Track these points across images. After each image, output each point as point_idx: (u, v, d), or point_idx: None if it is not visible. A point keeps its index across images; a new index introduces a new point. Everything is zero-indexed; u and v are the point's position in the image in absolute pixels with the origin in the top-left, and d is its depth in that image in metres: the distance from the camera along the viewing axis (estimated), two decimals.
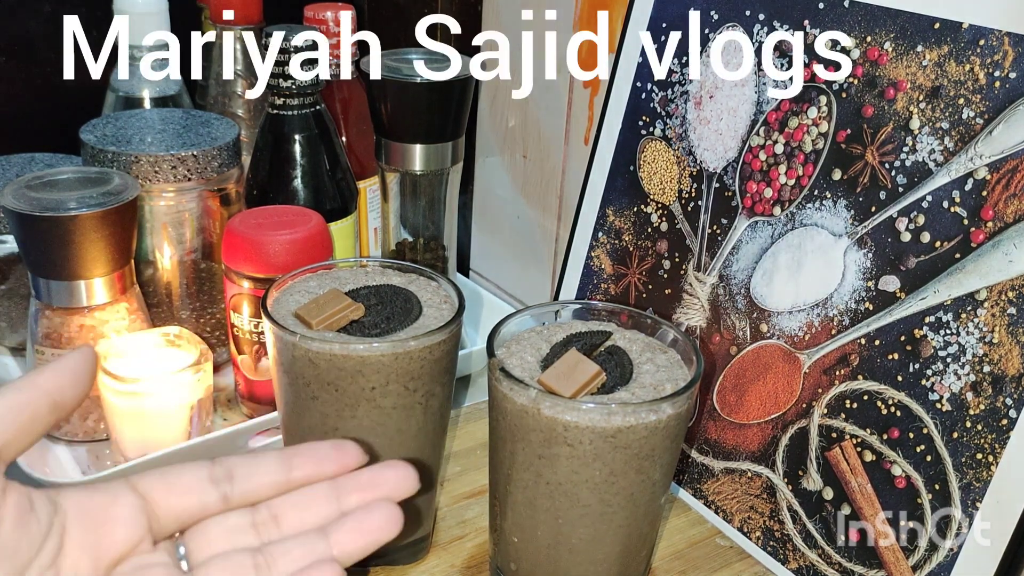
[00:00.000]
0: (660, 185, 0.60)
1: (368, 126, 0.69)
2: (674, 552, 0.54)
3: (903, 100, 0.48)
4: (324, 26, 0.72)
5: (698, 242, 0.58)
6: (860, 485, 0.49)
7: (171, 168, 0.63)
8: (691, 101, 0.59)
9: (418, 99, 0.64)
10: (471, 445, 0.63)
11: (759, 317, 0.54)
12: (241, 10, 0.78)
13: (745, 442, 0.55)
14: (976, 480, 0.45)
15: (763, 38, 0.54)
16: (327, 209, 0.65)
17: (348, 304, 0.47)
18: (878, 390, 0.49)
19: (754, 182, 0.55)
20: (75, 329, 0.59)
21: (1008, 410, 0.44)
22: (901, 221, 0.48)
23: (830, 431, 0.51)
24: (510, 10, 0.78)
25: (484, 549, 0.54)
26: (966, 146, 0.45)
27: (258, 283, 0.59)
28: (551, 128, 0.76)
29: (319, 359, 0.45)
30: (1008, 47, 0.44)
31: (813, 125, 0.52)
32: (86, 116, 0.69)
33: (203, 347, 0.60)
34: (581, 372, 0.43)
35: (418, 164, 0.66)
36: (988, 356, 0.44)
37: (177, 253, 0.68)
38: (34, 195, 0.56)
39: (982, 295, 0.45)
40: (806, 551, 0.51)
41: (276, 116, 0.65)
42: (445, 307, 0.49)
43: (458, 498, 0.58)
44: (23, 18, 0.82)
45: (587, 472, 0.42)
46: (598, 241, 0.65)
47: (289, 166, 0.65)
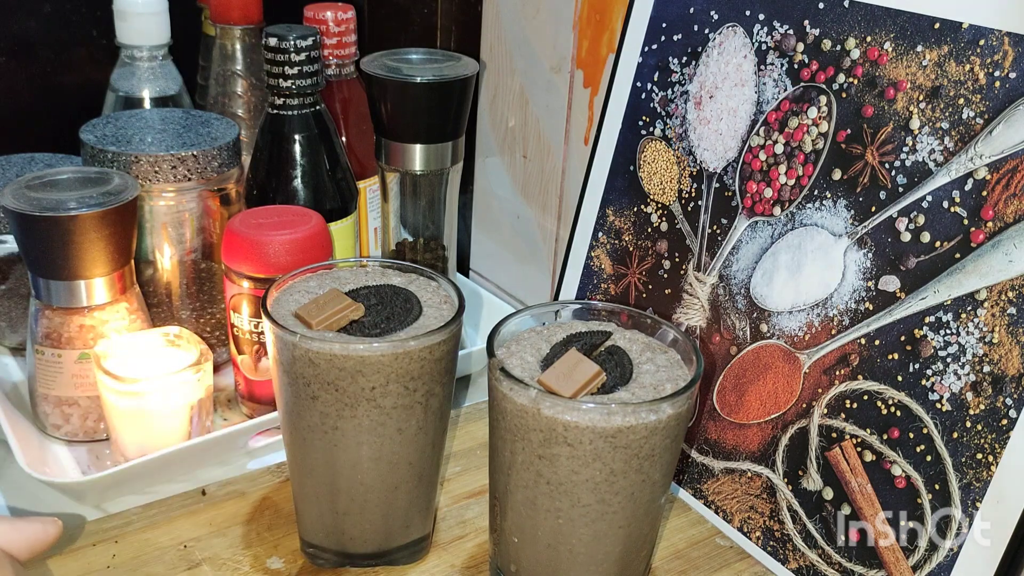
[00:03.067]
0: (660, 185, 0.60)
1: (368, 126, 0.69)
2: (674, 552, 0.54)
3: (903, 100, 0.48)
4: (324, 26, 0.72)
5: (698, 242, 0.58)
6: (860, 485, 0.49)
7: (171, 168, 0.63)
8: (691, 101, 0.59)
9: (418, 99, 0.64)
10: (471, 445, 0.63)
11: (759, 317, 0.54)
12: (241, 10, 0.78)
13: (745, 442, 0.55)
14: (976, 480, 0.45)
15: (763, 38, 0.54)
16: (327, 209, 0.65)
17: (348, 304, 0.47)
18: (878, 390, 0.49)
19: (754, 182, 0.55)
20: (75, 329, 0.59)
21: (1008, 410, 0.44)
22: (901, 221, 0.48)
23: (830, 431, 0.51)
24: (510, 10, 0.78)
25: (484, 549, 0.54)
26: (966, 146, 0.45)
27: (258, 283, 0.59)
28: (551, 128, 0.76)
29: (319, 359, 0.45)
30: (1008, 47, 0.44)
31: (813, 125, 0.52)
32: (86, 116, 0.69)
33: (203, 347, 0.60)
34: (581, 372, 0.43)
35: (418, 164, 0.66)
36: (988, 356, 0.44)
37: (177, 253, 0.68)
38: (34, 195, 0.56)
39: (982, 295, 0.45)
40: (806, 551, 0.51)
41: (276, 116, 0.65)
42: (445, 307, 0.49)
43: (458, 498, 0.58)
44: (23, 18, 0.82)
45: (587, 472, 0.42)
46: (598, 241, 0.65)
47: (289, 166, 0.65)
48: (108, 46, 0.77)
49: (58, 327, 0.59)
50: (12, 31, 0.82)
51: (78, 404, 0.60)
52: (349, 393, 0.45)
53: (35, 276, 0.58)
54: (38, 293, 0.58)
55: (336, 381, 0.45)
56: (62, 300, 0.58)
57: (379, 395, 0.45)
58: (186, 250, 0.68)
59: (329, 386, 0.45)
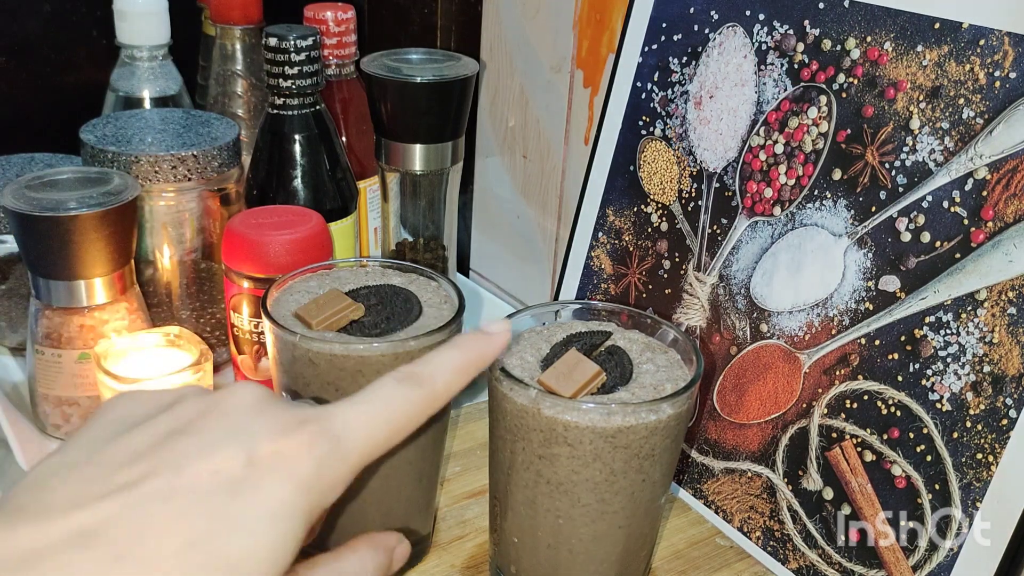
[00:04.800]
0: (660, 185, 0.60)
1: (368, 126, 0.69)
2: (674, 552, 0.54)
3: (903, 100, 0.48)
4: (324, 26, 0.72)
5: (698, 242, 0.58)
6: (860, 485, 0.49)
7: (171, 168, 0.63)
8: (691, 101, 0.59)
9: (418, 99, 0.64)
10: (471, 445, 0.63)
11: (759, 317, 0.54)
12: (241, 10, 0.78)
13: (745, 442, 0.55)
14: (976, 480, 0.45)
15: (763, 38, 0.54)
16: (327, 209, 0.65)
17: (348, 304, 0.47)
18: (878, 390, 0.49)
19: (754, 182, 0.55)
20: (75, 329, 0.59)
21: (1008, 410, 0.44)
22: (901, 221, 0.48)
23: (830, 431, 0.51)
24: (510, 10, 0.78)
25: (484, 549, 0.54)
26: (966, 146, 0.45)
27: (258, 283, 0.59)
28: (551, 128, 0.76)
29: (319, 359, 0.45)
30: (1008, 47, 0.44)
31: (813, 125, 0.52)
32: (86, 116, 0.69)
33: (203, 347, 0.60)
34: (581, 372, 0.43)
35: (418, 164, 0.66)
36: (988, 356, 0.44)
37: (177, 253, 0.68)
38: (34, 195, 0.56)
39: (982, 295, 0.45)
40: (806, 551, 0.51)
41: (276, 116, 0.65)
42: (445, 307, 0.49)
43: (458, 498, 0.58)
44: (23, 18, 0.82)
45: (587, 472, 0.42)
46: (598, 241, 0.65)
47: (289, 166, 0.65)
48: (108, 46, 0.77)
49: (58, 327, 0.59)
50: (12, 31, 0.82)
51: (78, 404, 0.60)
52: (349, 393, 0.45)
53: (35, 276, 0.58)
54: (38, 293, 0.58)
55: (336, 381, 0.45)
56: (62, 300, 0.58)
57: None
58: (186, 250, 0.68)
59: (329, 386, 0.45)
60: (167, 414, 0.32)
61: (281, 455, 0.31)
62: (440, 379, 0.36)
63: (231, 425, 0.31)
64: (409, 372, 0.35)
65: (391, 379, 0.35)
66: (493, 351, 0.38)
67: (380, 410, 0.34)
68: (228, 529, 0.29)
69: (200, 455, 0.30)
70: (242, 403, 0.32)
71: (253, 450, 0.30)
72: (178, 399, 0.33)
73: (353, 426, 0.33)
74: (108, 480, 0.29)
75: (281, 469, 0.30)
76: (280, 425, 0.31)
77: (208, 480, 0.29)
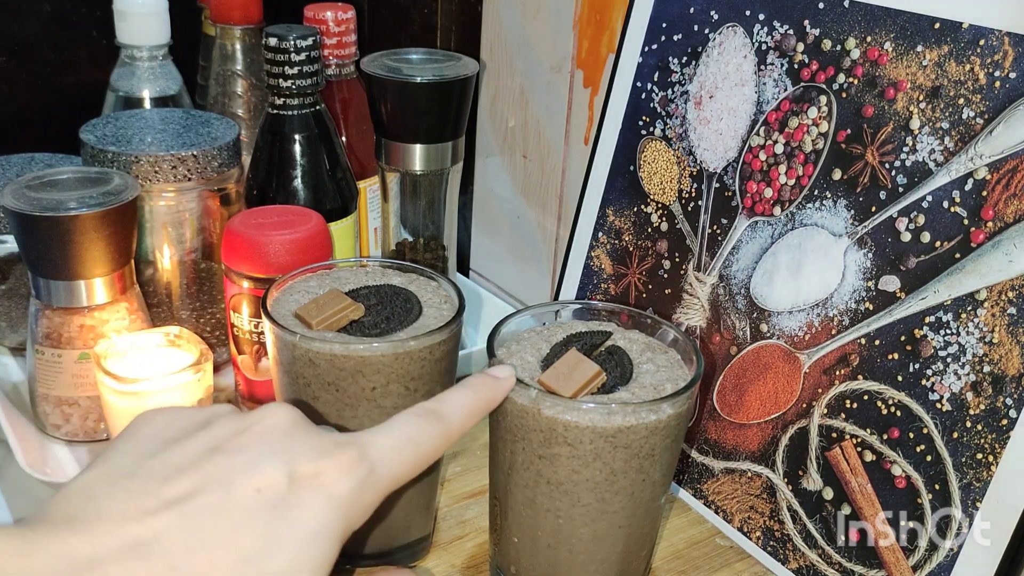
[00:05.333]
0: (660, 185, 0.60)
1: (368, 126, 0.69)
2: (674, 552, 0.54)
3: (903, 100, 0.48)
4: (324, 26, 0.72)
5: (698, 242, 0.58)
6: (860, 485, 0.49)
7: (171, 168, 0.63)
8: (691, 101, 0.59)
9: (418, 99, 0.64)
10: (471, 445, 0.63)
11: (759, 317, 0.54)
12: (241, 10, 0.78)
13: (745, 442, 0.55)
14: (976, 480, 0.45)
15: (763, 38, 0.54)
16: (327, 209, 0.65)
17: (348, 304, 0.47)
18: (878, 390, 0.49)
19: (754, 182, 0.55)
20: (75, 329, 0.59)
21: (1008, 410, 0.44)
22: (901, 221, 0.48)
23: (830, 431, 0.51)
24: (510, 10, 0.78)
25: (484, 549, 0.54)
26: (966, 146, 0.45)
27: (258, 283, 0.59)
28: (551, 128, 0.76)
29: (319, 359, 0.45)
30: (1008, 47, 0.44)
31: (813, 125, 0.52)
32: (86, 116, 0.69)
33: (203, 347, 0.60)
34: (581, 372, 0.43)
35: (418, 164, 0.66)
36: (988, 356, 0.44)
37: (177, 253, 0.68)
38: (34, 195, 0.56)
39: (982, 295, 0.45)
40: (806, 551, 0.51)
41: (276, 116, 0.65)
42: (445, 307, 0.49)
43: (458, 498, 0.58)
44: (23, 18, 0.82)
45: (587, 472, 0.42)
46: (598, 241, 0.65)
47: (289, 166, 0.65)
48: (108, 46, 0.77)
49: (58, 327, 0.59)
50: (12, 31, 0.82)
51: (78, 404, 0.60)
52: (350, 393, 0.45)
53: (35, 276, 0.58)
54: (38, 293, 0.58)
55: (336, 381, 0.45)
56: (62, 300, 0.58)
57: (379, 395, 0.45)
58: (186, 250, 0.68)
59: (330, 386, 0.45)
60: (204, 432, 0.33)
61: (321, 477, 0.31)
62: (456, 418, 0.38)
63: (270, 445, 0.32)
64: (429, 408, 0.37)
65: (411, 415, 0.37)
66: (500, 394, 0.41)
67: (406, 442, 0.35)
68: (274, 547, 0.30)
69: (244, 472, 0.31)
70: (278, 425, 0.33)
71: (294, 470, 0.31)
72: (212, 417, 0.34)
73: (386, 454, 0.34)
74: (157, 493, 0.30)
75: (321, 490, 0.31)
76: (318, 447, 0.32)
77: (253, 497, 0.30)
